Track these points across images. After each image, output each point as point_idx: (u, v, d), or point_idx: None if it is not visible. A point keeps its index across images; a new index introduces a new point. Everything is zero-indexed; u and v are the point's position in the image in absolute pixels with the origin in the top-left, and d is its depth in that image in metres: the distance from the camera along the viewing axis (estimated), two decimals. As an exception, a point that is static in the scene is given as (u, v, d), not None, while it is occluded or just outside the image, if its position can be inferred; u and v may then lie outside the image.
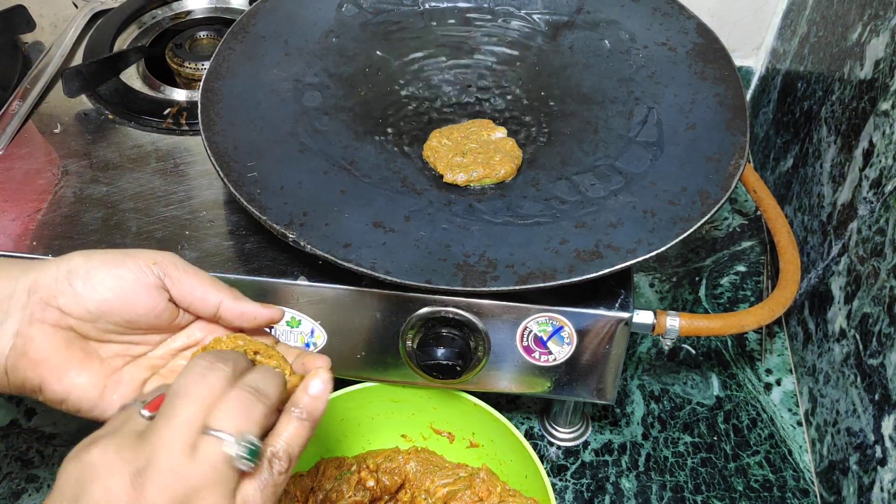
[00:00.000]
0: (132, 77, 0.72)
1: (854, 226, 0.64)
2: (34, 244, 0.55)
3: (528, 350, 0.54)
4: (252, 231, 0.57)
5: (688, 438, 0.69)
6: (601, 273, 0.49)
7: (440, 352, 0.52)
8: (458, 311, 0.52)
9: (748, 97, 0.96)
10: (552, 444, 0.68)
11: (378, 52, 0.67)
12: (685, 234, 0.51)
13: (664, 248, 0.51)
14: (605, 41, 0.67)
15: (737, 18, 0.92)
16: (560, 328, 0.53)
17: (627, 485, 0.66)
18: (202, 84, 0.61)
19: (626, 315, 0.52)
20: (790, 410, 0.71)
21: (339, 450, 0.63)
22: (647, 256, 0.50)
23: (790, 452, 0.68)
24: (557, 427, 0.68)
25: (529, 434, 0.69)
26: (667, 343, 0.56)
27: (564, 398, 0.61)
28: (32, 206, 0.59)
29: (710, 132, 0.58)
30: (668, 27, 0.67)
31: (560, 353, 0.54)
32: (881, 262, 0.58)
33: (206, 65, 0.64)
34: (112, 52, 0.73)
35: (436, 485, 0.60)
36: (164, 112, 0.67)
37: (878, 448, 0.56)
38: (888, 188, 0.59)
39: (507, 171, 0.57)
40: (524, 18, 0.70)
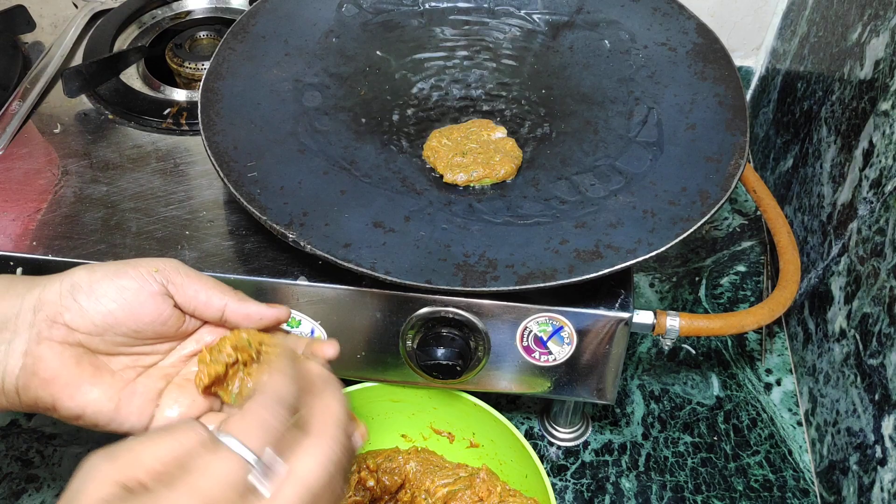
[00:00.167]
0: (132, 77, 0.72)
1: (854, 226, 0.64)
2: (34, 244, 0.55)
3: (528, 350, 0.54)
4: (252, 231, 0.57)
5: (688, 438, 0.69)
6: (601, 273, 0.49)
7: (440, 352, 0.52)
8: (458, 311, 0.52)
9: (748, 97, 0.96)
10: (552, 444, 0.68)
11: (378, 52, 0.67)
12: (685, 234, 0.51)
13: (664, 248, 0.51)
14: (605, 41, 0.67)
15: (737, 18, 0.92)
16: (560, 328, 0.53)
17: (627, 485, 0.66)
18: (202, 84, 0.61)
19: (626, 315, 0.52)
20: (790, 410, 0.71)
21: (339, 450, 0.63)
22: (647, 256, 0.50)
23: (790, 452, 0.68)
24: (557, 427, 0.68)
25: (529, 434, 0.69)
26: (667, 343, 0.56)
27: (564, 398, 0.61)
28: (32, 206, 0.59)
29: (710, 132, 0.58)
30: (668, 27, 0.67)
31: (560, 353, 0.54)
32: (881, 262, 0.58)
33: (206, 65, 0.64)
34: (112, 52, 0.73)
35: (436, 485, 0.60)
36: (164, 112, 0.67)
37: (878, 448, 0.56)
38: (888, 188, 0.59)
39: (507, 171, 0.57)
40: (524, 18, 0.70)
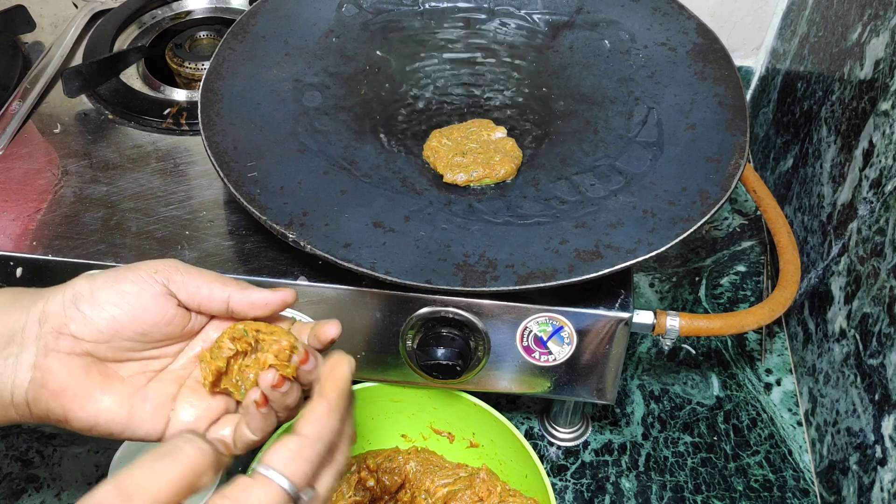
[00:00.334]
0: (132, 77, 0.72)
1: (854, 226, 0.64)
2: (34, 244, 0.55)
3: (528, 350, 0.54)
4: (252, 231, 0.57)
5: (688, 438, 0.69)
6: (601, 273, 0.49)
7: (440, 352, 0.52)
8: (458, 311, 0.52)
9: (748, 97, 0.96)
10: (552, 444, 0.68)
11: (378, 52, 0.67)
12: (685, 234, 0.51)
13: (664, 248, 0.51)
14: (605, 41, 0.67)
15: (737, 18, 0.92)
16: (560, 328, 0.53)
17: (627, 485, 0.66)
18: (202, 84, 0.61)
19: (626, 315, 0.52)
20: (790, 410, 0.71)
21: (339, 450, 0.63)
22: (647, 256, 0.50)
23: (790, 452, 0.68)
24: (557, 427, 0.68)
25: (529, 434, 0.69)
26: (667, 343, 0.56)
27: (564, 398, 0.61)
28: (32, 206, 0.59)
29: (710, 132, 0.58)
30: (668, 27, 0.67)
31: (560, 353, 0.54)
32: (881, 262, 0.58)
33: (206, 65, 0.64)
34: (112, 52, 0.73)
35: (436, 485, 0.60)
36: (164, 112, 0.67)
37: (878, 448, 0.56)
38: (888, 188, 0.59)
39: (507, 171, 0.57)
40: (524, 18, 0.70)
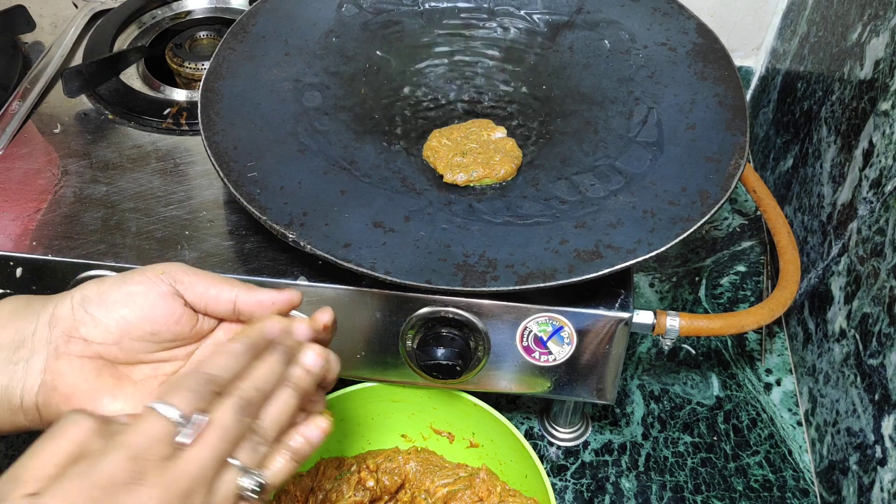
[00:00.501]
0: (132, 77, 0.72)
1: (854, 226, 0.64)
2: (34, 244, 0.55)
3: (528, 350, 0.54)
4: (252, 231, 0.57)
5: (688, 438, 0.69)
6: (601, 273, 0.49)
7: (440, 352, 0.52)
8: (458, 311, 0.52)
9: (748, 97, 0.96)
10: (552, 444, 0.68)
11: (378, 52, 0.67)
12: (685, 235, 0.51)
13: (664, 248, 0.51)
14: (605, 41, 0.67)
15: (737, 18, 0.92)
16: (560, 328, 0.53)
17: (627, 485, 0.66)
18: (202, 84, 0.61)
19: (626, 315, 0.52)
20: (790, 410, 0.71)
21: (339, 450, 0.63)
22: (647, 256, 0.50)
23: (790, 452, 0.68)
24: (557, 427, 0.68)
25: (529, 434, 0.69)
26: (667, 343, 0.56)
27: (564, 398, 0.61)
28: (32, 206, 0.59)
29: (710, 132, 0.58)
30: (668, 27, 0.67)
31: (560, 353, 0.54)
32: (881, 262, 0.58)
33: (206, 65, 0.64)
34: (112, 52, 0.73)
35: (436, 485, 0.60)
36: (164, 112, 0.67)
37: (878, 448, 0.56)
38: (888, 188, 0.59)
39: (507, 171, 0.57)
40: (524, 18, 0.70)
